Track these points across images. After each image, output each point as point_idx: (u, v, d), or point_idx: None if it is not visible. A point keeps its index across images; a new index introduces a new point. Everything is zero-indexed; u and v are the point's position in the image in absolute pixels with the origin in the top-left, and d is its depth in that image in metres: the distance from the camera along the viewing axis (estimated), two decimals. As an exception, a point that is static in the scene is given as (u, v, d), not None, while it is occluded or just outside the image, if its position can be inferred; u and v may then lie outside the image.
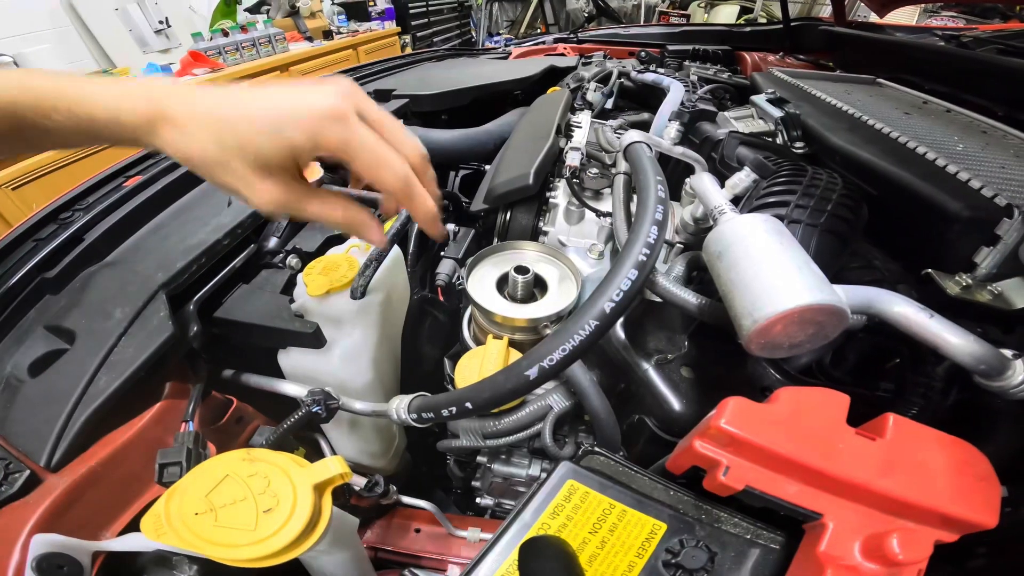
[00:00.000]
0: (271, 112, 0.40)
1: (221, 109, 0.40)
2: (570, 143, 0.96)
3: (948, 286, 0.59)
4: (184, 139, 0.40)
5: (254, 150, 0.40)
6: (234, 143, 0.40)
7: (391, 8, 5.22)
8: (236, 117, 0.40)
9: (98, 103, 0.40)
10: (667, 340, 0.69)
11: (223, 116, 0.40)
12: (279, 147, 0.40)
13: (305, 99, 0.40)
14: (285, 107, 0.40)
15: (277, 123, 0.40)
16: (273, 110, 0.40)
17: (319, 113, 0.40)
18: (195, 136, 0.40)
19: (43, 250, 0.75)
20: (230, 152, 0.40)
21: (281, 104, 0.40)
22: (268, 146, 0.40)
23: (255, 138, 0.40)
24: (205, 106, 0.40)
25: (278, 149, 0.40)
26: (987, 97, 1.05)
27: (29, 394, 0.56)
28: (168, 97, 0.40)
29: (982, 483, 0.39)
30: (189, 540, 0.43)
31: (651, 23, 6.08)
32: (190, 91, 0.41)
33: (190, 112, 0.40)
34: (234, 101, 0.40)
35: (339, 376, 0.75)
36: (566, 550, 0.41)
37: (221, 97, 0.41)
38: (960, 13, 4.20)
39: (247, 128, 0.40)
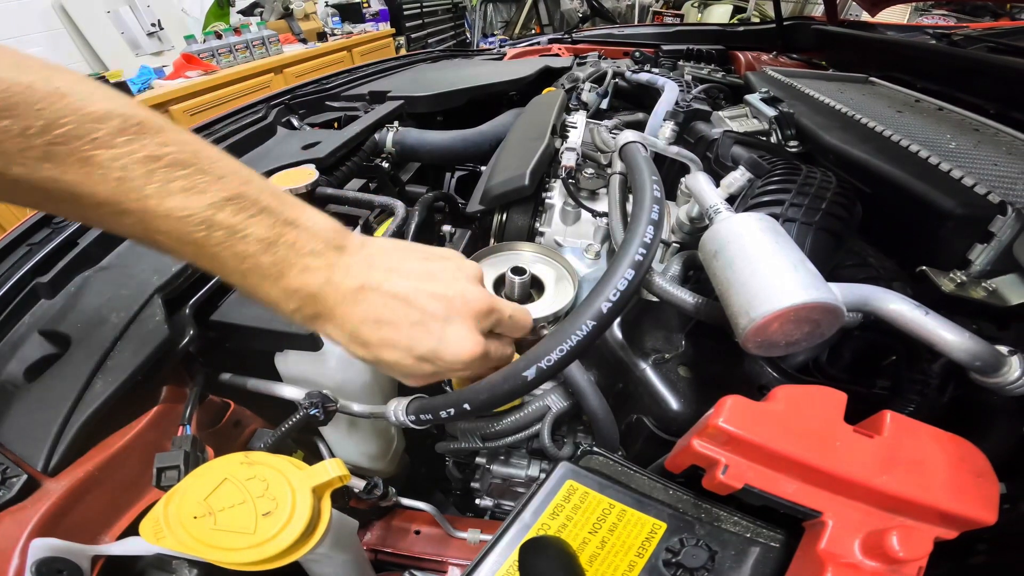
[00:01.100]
0: (423, 342, 0.45)
1: (381, 325, 0.44)
2: (566, 143, 0.96)
3: (943, 283, 0.60)
4: (348, 343, 0.45)
5: (403, 369, 0.46)
6: (388, 360, 0.45)
7: (385, 10, 5.22)
8: (394, 339, 0.44)
9: (261, 291, 0.41)
10: (664, 339, 0.69)
11: (383, 336, 0.44)
12: (429, 371, 0.47)
13: (456, 340, 0.45)
14: (434, 342, 0.45)
15: (427, 355, 0.45)
16: (425, 340, 0.45)
17: (463, 361, 0.46)
18: (358, 344, 0.45)
19: (37, 254, 0.74)
20: (388, 364, 0.46)
21: (433, 335, 0.45)
22: (413, 368, 0.46)
23: (404, 361, 0.45)
24: (369, 316, 0.44)
25: (428, 371, 0.47)
26: (979, 95, 1.06)
27: (25, 399, 0.56)
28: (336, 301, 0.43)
29: (980, 480, 0.39)
30: (188, 544, 0.43)
31: (645, 23, 6.09)
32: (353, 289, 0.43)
33: (356, 321, 0.44)
34: (391, 315, 0.44)
35: (337, 378, 0.74)
36: (566, 550, 0.41)
37: (381, 305, 0.44)
38: (951, 11, 4.23)
39: (401, 353, 0.45)
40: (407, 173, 1.42)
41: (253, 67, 3.67)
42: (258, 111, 1.31)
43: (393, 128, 1.27)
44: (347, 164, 1.12)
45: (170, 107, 3.10)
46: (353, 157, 1.15)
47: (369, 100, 1.46)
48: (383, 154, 1.25)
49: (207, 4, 3.94)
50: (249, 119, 1.25)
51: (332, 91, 1.52)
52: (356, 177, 1.17)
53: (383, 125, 1.28)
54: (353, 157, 1.15)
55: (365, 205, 0.93)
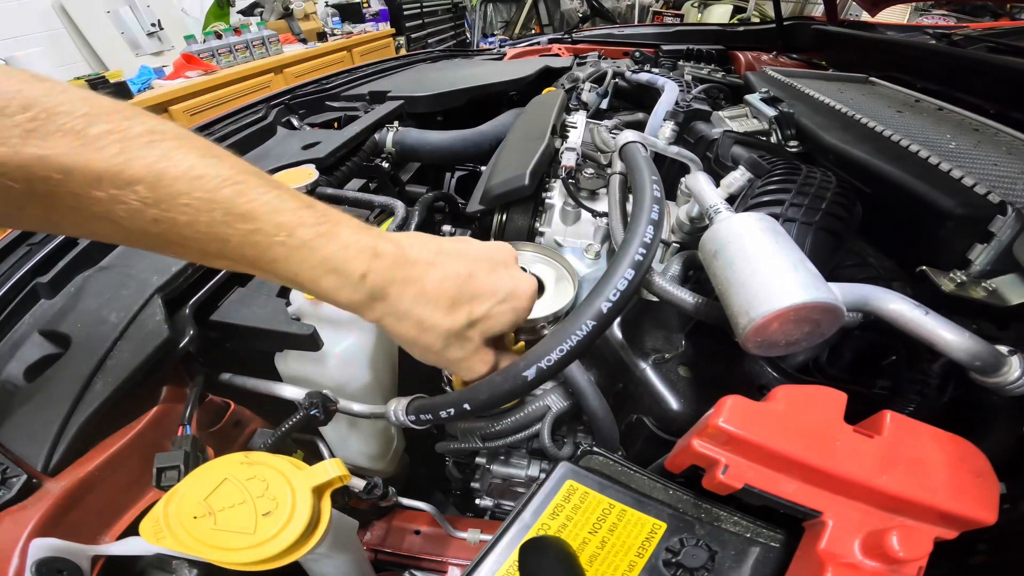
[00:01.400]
0: (505, 285, 0.47)
1: (462, 280, 0.44)
2: (566, 143, 0.96)
3: (943, 283, 0.60)
4: (432, 310, 0.43)
5: (493, 324, 0.47)
6: (481, 313, 0.46)
7: (385, 10, 5.22)
8: (479, 289, 0.45)
9: (316, 255, 0.37)
10: (664, 339, 0.69)
11: (471, 289, 0.45)
12: (511, 321, 0.48)
13: (517, 278, 0.49)
14: (511, 282, 0.48)
15: (514, 296, 0.48)
16: (506, 283, 0.47)
17: (532, 293, 0.50)
18: (445, 307, 0.43)
19: (37, 254, 0.75)
20: (476, 324, 0.46)
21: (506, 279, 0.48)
22: (504, 316, 0.48)
23: (498, 309, 0.47)
24: (450, 273, 0.44)
25: (510, 323, 0.48)
26: (978, 95, 1.06)
27: (25, 399, 0.56)
28: (407, 262, 0.42)
29: (980, 480, 0.39)
30: (188, 544, 0.43)
31: (645, 23, 6.09)
32: (426, 254, 0.43)
33: (437, 280, 0.43)
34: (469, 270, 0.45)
35: (337, 378, 0.74)
36: (566, 550, 0.41)
37: (456, 263, 0.45)
38: (951, 11, 4.23)
39: (492, 301, 0.46)
40: (407, 173, 1.42)
41: (253, 67, 3.68)
42: (258, 111, 1.31)
43: (393, 128, 1.27)
44: (347, 164, 1.12)
45: (170, 107, 3.10)
46: (353, 157, 1.15)
47: (369, 100, 1.46)
48: (383, 154, 1.25)
49: (207, 4, 3.94)
50: (249, 119, 1.25)
51: (332, 91, 1.52)
52: (356, 177, 1.17)
53: (383, 125, 1.28)
54: (353, 157, 1.15)
55: (365, 205, 0.93)
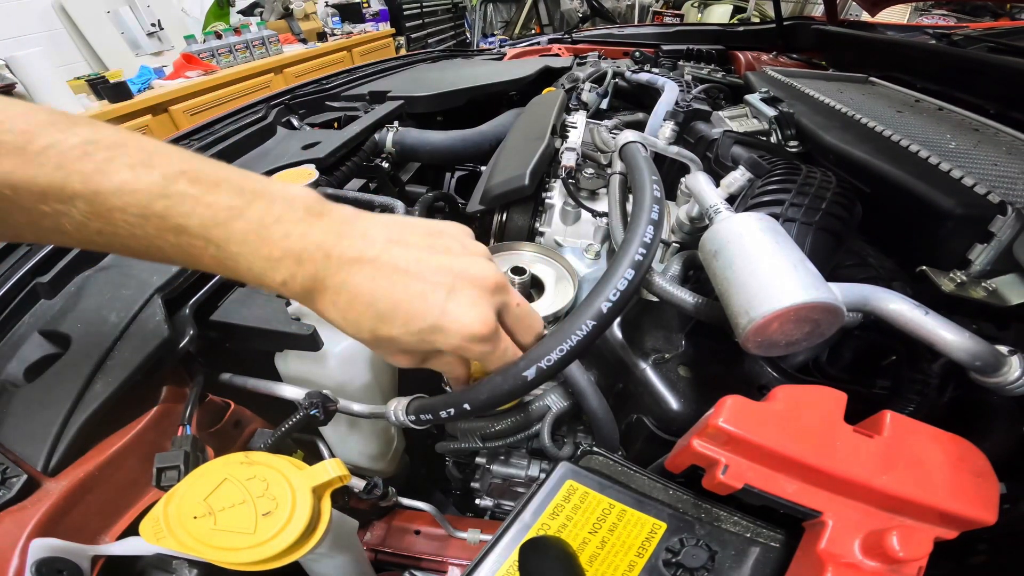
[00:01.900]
0: (426, 317, 0.41)
1: (377, 296, 0.40)
2: (566, 143, 0.96)
3: (942, 283, 0.60)
4: (341, 319, 0.41)
5: (401, 346, 0.43)
6: (386, 335, 0.42)
7: (385, 10, 5.22)
8: (393, 312, 0.41)
9: (242, 265, 0.38)
10: (664, 339, 0.69)
11: (381, 310, 0.41)
12: (424, 348, 0.43)
13: (460, 313, 0.41)
14: (437, 313, 0.41)
15: (428, 328, 0.41)
16: (427, 313, 0.41)
17: (470, 335, 0.42)
18: (353, 320, 0.41)
19: (37, 254, 0.74)
20: (382, 341, 0.42)
21: (435, 307, 0.41)
22: (414, 344, 0.42)
23: (404, 337, 0.42)
24: (365, 288, 0.40)
25: (423, 348, 0.43)
26: (978, 95, 1.06)
27: (25, 399, 0.56)
28: (328, 271, 0.39)
29: (980, 480, 0.39)
30: (188, 544, 0.43)
31: (645, 23, 6.09)
32: (349, 259, 0.40)
33: (351, 294, 0.40)
34: (391, 290, 0.40)
35: (337, 378, 0.74)
36: (566, 550, 0.41)
37: (379, 276, 0.40)
38: (951, 11, 4.23)
39: (401, 328, 0.41)
40: (407, 173, 1.42)
41: (253, 67, 3.68)
42: (258, 111, 1.31)
43: (393, 128, 1.27)
44: (347, 164, 1.12)
45: (170, 107, 3.10)
46: (353, 157, 1.15)
47: (369, 100, 1.46)
48: (383, 154, 1.26)
49: (207, 4, 3.94)
50: (249, 119, 1.25)
51: (332, 91, 1.52)
52: (356, 177, 1.17)
53: (383, 125, 1.28)
54: (353, 157, 1.15)
55: (365, 205, 0.93)
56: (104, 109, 2.81)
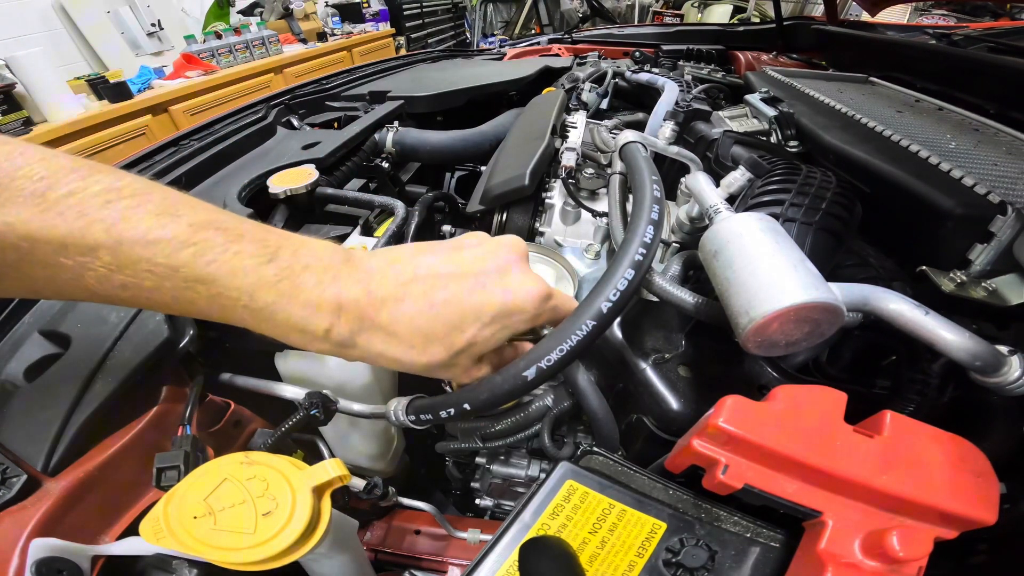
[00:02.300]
0: (491, 301, 0.40)
1: (438, 308, 0.39)
2: (565, 143, 0.96)
3: (942, 283, 0.60)
4: (403, 351, 0.40)
5: (479, 346, 0.42)
6: (462, 343, 0.41)
7: (385, 10, 5.22)
8: (458, 314, 0.40)
9: (279, 316, 0.36)
10: (664, 339, 0.69)
11: (448, 319, 0.39)
12: (505, 335, 0.43)
13: (520, 284, 0.42)
14: (500, 295, 0.41)
15: (501, 312, 0.41)
16: (492, 299, 0.40)
17: (538, 298, 0.43)
18: (418, 344, 0.40)
19: (37, 254, 0.74)
20: (459, 354, 0.41)
21: (495, 291, 0.41)
22: (488, 337, 0.42)
23: (481, 332, 0.41)
24: (422, 307, 0.39)
25: (502, 339, 0.43)
26: (978, 95, 1.06)
27: (25, 399, 0.56)
28: (372, 307, 0.38)
29: (980, 480, 0.39)
30: (188, 544, 0.43)
31: (645, 23, 6.09)
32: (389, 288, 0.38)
33: (409, 318, 0.39)
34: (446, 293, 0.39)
35: (337, 378, 0.74)
36: (567, 550, 0.41)
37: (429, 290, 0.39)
38: (951, 11, 4.23)
39: (474, 326, 0.40)
40: (407, 173, 1.42)
41: (253, 67, 3.68)
42: (258, 111, 1.31)
43: (393, 128, 1.27)
44: (347, 164, 1.12)
45: (170, 107, 3.11)
46: (353, 157, 1.15)
47: (369, 100, 1.46)
48: (383, 154, 1.26)
49: (207, 4, 3.94)
50: (249, 119, 1.25)
51: (332, 91, 1.52)
52: (356, 177, 1.17)
53: (383, 125, 1.28)
54: (353, 157, 1.15)
55: (365, 205, 0.93)
56: (104, 109, 2.81)
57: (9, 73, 2.54)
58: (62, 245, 0.30)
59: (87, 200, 0.31)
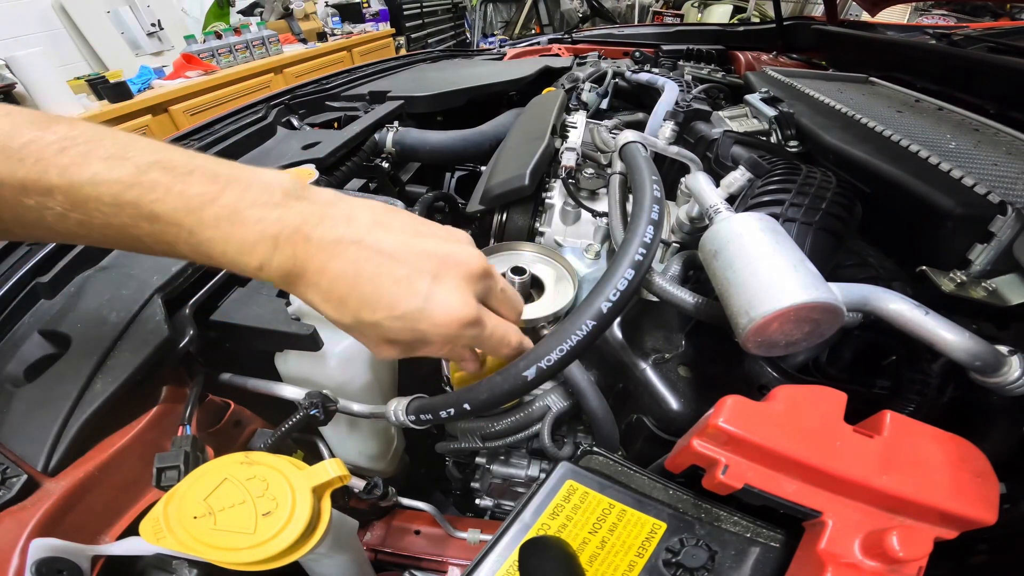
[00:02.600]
0: (411, 302, 0.40)
1: (360, 280, 0.40)
2: (565, 143, 0.96)
3: (942, 283, 0.60)
4: (323, 303, 0.41)
5: (385, 333, 0.42)
6: (369, 321, 0.41)
7: (385, 10, 5.22)
8: (376, 297, 0.40)
9: (216, 250, 0.37)
10: (664, 339, 0.69)
11: (364, 293, 0.40)
12: (408, 335, 0.42)
13: (445, 299, 0.41)
14: (421, 299, 0.41)
15: (413, 314, 0.41)
16: (411, 298, 0.40)
17: (458, 320, 0.42)
18: (336, 304, 0.40)
19: (37, 254, 0.74)
20: (366, 326, 0.41)
21: (420, 293, 0.41)
22: (398, 331, 0.41)
23: (388, 322, 0.41)
24: (348, 271, 0.39)
25: (407, 336, 0.42)
26: (978, 95, 1.06)
27: (25, 399, 0.56)
28: (309, 254, 0.39)
29: (980, 480, 0.39)
30: (188, 544, 0.43)
31: (645, 23, 6.09)
32: (330, 241, 0.39)
33: (332, 277, 0.39)
34: (374, 273, 0.40)
35: (337, 378, 0.74)
36: (567, 550, 0.41)
37: (363, 259, 0.40)
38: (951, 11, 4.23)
39: (385, 314, 0.40)
40: (407, 173, 1.43)
41: (253, 67, 3.68)
42: (258, 111, 1.31)
43: (393, 128, 1.27)
44: (347, 164, 1.12)
45: (170, 107, 3.10)
46: (353, 157, 1.15)
47: (369, 100, 1.46)
48: (383, 154, 1.26)
49: (207, 4, 3.94)
50: (249, 119, 1.25)
51: (332, 91, 1.52)
52: (356, 177, 1.17)
53: (383, 125, 1.28)
54: (353, 157, 1.15)
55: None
56: (104, 109, 2.81)
57: (9, 73, 2.54)
58: (23, 187, 0.33)
59: (44, 148, 0.34)
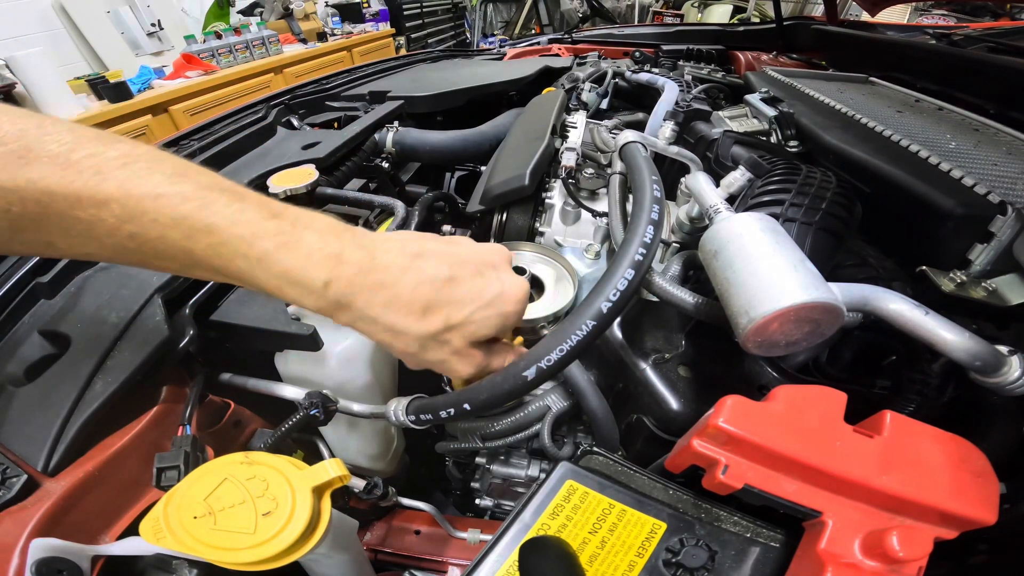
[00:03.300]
0: (492, 288, 0.45)
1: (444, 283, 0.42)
2: (566, 143, 0.96)
3: (942, 283, 0.60)
4: (402, 317, 0.41)
5: (476, 329, 0.44)
6: (459, 319, 0.43)
7: (385, 10, 5.22)
8: (460, 293, 0.43)
9: (276, 267, 0.37)
10: (664, 339, 0.69)
11: (451, 293, 0.42)
12: (499, 324, 0.46)
13: (511, 281, 0.46)
14: (497, 284, 0.45)
15: (501, 300, 0.45)
16: (490, 286, 0.45)
17: (523, 296, 0.47)
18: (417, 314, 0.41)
19: (37, 254, 0.74)
20: (453, 330, 0.43)
21: (492, 280, 0.45)
22: (488, 322, 0.45)
23: (482, 314, 0.44)
24: (425, 277, 0.41)
25: (498, 325, 0.45)
26: (978, 95, 1.06)
27: (25, 399, 0.56)
28: (374, 267, 0.40)
29: (980, 480, 0.39)
30: (188, 544, 0.43)
31: (645, 23, 6.09)
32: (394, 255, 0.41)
33: (412, 284, 0.41)
34: (451, 272, 0.43)
35: (337, 378, 0.74)
36: (567, 550, 0.41)
37: (435, 264, 0.42)
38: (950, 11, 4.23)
39: (474, 306, 0.44)
40: (407, 173, 1.42)
41: (253, 67, 3.68)
42: (258, 111, 1.31)
43: (393, 128, 1.27)
44: (347, 164, 1.12)
45: (170, 107, 3.10)
46: (353, 157, 1.15)
47: (369, 100, 1.46)
48: (383, 154, 1.25)
49: (207, 4, 3.94)
50: (249, 119, 1.25)
51: (332, 91, 1.52)
52: (356, 177, 1.17)
53: (383, 125, 1.28)
54: (353, 157, 1.15)
55: (365, 205, 0.93)
56: (104, 109, 2.81)
57: (9, 73, 2.54)
58: (77, 199, 0.33)
59: (105, 162, 0.34)
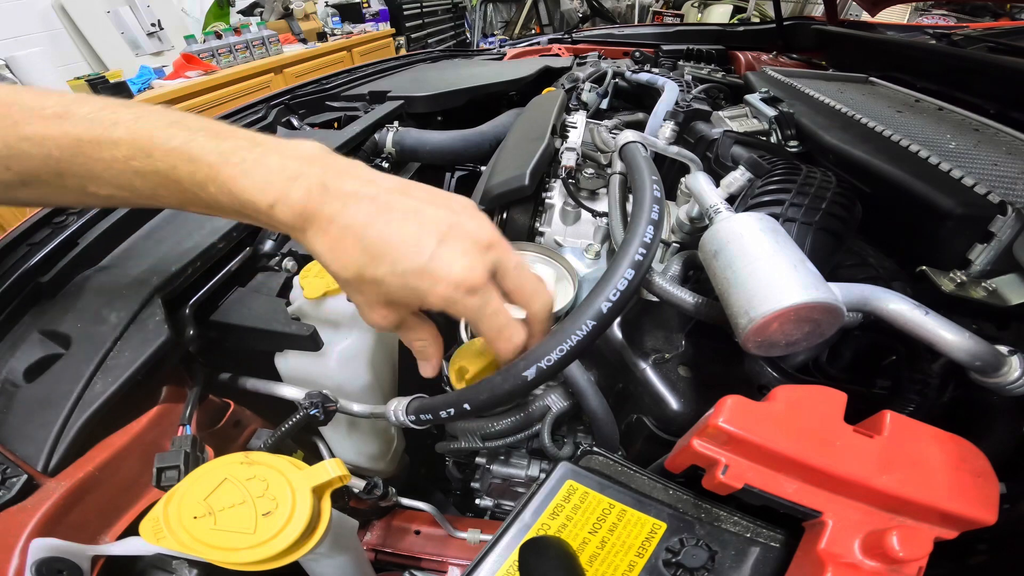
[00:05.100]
0: (414, 259, 0.41)
1: (369, 232, 0.41)
2: (565, 143, 0.96)
3: (942, 283, 0.60)
4: (329, 252, 0.42)
5: (385, 291, 0.43)
6: (371, 276, 0.42)
7: (385, 10, 5.22)
8: (381, 250, 0.41)
9: (235, 186, 0.41)
10: (664, 339, 0.69)
11: (370, 245, 0.41)
12: (410, 297, 0.43)
13: (450, 260, 0.41)
14: (426, 256, 0.41)
15: (416, 271, 0.41)
16: (417, 257, 0.41)
17: (457, 281, 0.41)
18: (340, 255, 0.42)
19: (37, 254, 0.74)
20: (366, 283, 0.42)
21: (425, 251, 0.41)
22: (397, 290, 0.42)
23: (389, 278, 0.41)
24: (358, 222, 0.41)
25: (409, 298, 0.43)
26: (978, 95, 1.06)
27: (25, 399, 0.56)
28: (323, 200, 0.41)
29: (980, 480, 0.39)
30: (188, 544, 0.43)
31: (645, 23, 6.09)
32: (345, 192, 0.41)
33: (342, 226, 0.41)
34: (383, 228, 0.41)
35: (337, 378, 0.74)
36: (567, 550, 0.41)
37: (374, 213, 0.41)
38: (951, 11, 4.24)
39: (388, 269, 0.41)
40: (407, 173, 1.42)
41: (253, 67, 3.68)
42: (258, 111, 1.31)
43: (393, 128, 1.27)
44: (347, 164, 1.12)
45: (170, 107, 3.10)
46: (353, 157, 1.15)
47: (369, 100, 1.46)
48: (383, 154, 1.25)
49: (207, 4, 3.94)
50: (249, 119, 1.25)
51: (332, 91, 1.52)
52: (356, 177, 1.16)
53: (383, 125, 1.28)
54: (353, 157, 1.15)
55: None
56: (104, 109, 2.80)
57: (9, 73, 2.55)
58: (98, 142, 0.42)
59: (121, 117, 0.43)
